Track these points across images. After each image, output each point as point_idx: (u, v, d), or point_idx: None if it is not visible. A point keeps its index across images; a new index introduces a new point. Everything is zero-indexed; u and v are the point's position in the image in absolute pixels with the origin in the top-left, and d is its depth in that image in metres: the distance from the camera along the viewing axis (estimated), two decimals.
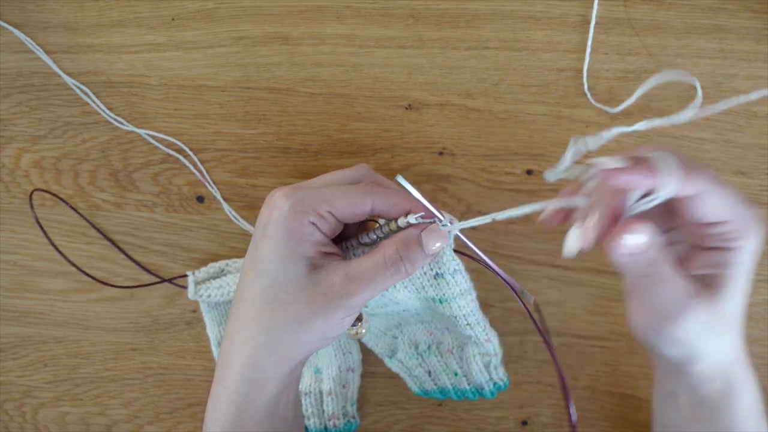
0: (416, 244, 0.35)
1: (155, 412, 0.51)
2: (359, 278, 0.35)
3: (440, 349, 0.46)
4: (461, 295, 0.39)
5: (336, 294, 0.35)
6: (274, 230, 0.35)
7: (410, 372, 0.48)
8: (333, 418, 0.48)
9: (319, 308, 0.35)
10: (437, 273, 0.38)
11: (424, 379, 0.47)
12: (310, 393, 0.48)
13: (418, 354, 0.47)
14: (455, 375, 0.46)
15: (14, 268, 0.51)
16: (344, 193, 0.35)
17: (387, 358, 0.48)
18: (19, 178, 0.52)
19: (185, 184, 0.51)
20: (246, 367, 0.36)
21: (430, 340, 0.47)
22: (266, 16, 0.52)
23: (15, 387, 0.51)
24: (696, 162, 0.32)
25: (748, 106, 0.50)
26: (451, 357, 0.46)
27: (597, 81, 0.50)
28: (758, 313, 0.49)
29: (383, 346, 0.48)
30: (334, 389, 0.48)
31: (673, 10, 0.50)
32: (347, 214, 0.35)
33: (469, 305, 0.40)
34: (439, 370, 0.47)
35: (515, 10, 0.51)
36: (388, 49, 0.51)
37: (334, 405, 0.48)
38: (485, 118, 0.51)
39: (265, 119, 0.51)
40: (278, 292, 0.35)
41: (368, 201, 0.35)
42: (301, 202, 0.34)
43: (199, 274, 0.48)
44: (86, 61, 0.52)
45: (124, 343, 0.51)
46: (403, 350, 0.47)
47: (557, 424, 0.50)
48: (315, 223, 0.35)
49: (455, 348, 0.46)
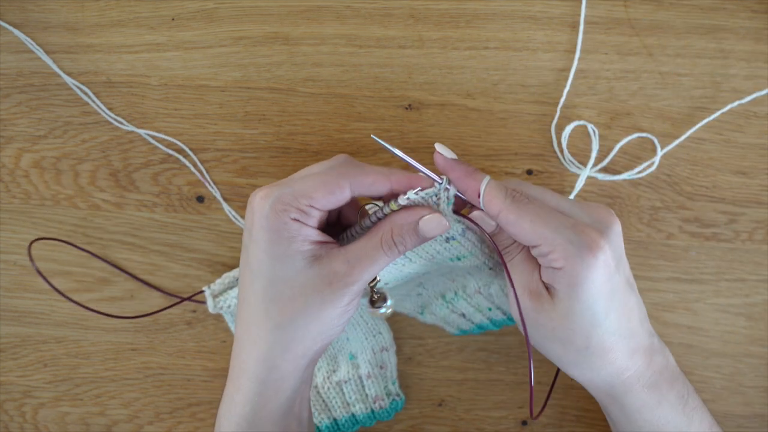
0: (409, 231, 0.36)
1: (155, 412, 0.51)
2: (359, 261, 0.35)
3: (467, 291, 0.46)
4: (476, 247, 0.40)
5: (341, 281, 0.35)
6: (260, 233, 0.35)
7: (445, 320, 0.48)
8: (377, 400, 0.48)
9: (326, 297, 0.35)
10: (447, 237, 0.39)
11: (459, 321, 0.48)
12: (349, 380, 0.48)
13: (447, 302, 0.47)
14: (489, 310, 0.47)
15: (14, 268, 0.51)
16: (320, 183, 0.35)
17: (418, 315, 0.49)
18: (19, 178, 0.52)
19: (185, 184, 0.51)
20: (260, 367, 0.36)
21: (455, 286, 0.46)
22: (266, 16, 0.52)
23: (15, 387, 0.51)
24: (527, 193, 0.37)
25: (748, 106, 0.50)
26: (479, 296, 0.46)
27: (597, 81, 0.50)
28: (758, 313, 0.49)
29: (411, 305, 0.48)
30: (372, 371, 0.48)
31: (673, 10, 0.50)
32: (328, 203, 0.35)
33: (485, 253, 0.41)
34: (471, 311, 0.47)
35: (515, 10, 0.51)
36: (388, 49, 0.51)
37: (376, 387, 0.48)
38: (485, 118, 0.51)
39: (265, 119, 0.51)
40: (281, 289, 0.35)
41: (345, 184, 0.35)
42: (280, 201, 0.34)
43: (215, 286, 0.48)
44: (86, 61, 0.52)
45: (124, 343, 0.51)
46: (432, 303, 0.48)
47: (557, 424, 0.50)
48: (298, 219, 0.35)
49: (482, 287, 0.46)
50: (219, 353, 0.51)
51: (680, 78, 0.50)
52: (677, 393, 0.38)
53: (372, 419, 0.49)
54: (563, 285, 0.35)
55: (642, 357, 0.37)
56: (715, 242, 0.50)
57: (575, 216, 0.36)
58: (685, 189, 0.50)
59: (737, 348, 0.49)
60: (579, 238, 0.34)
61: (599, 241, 0.34)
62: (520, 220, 0.35)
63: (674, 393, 0.38)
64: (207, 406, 0.50)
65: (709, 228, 0.50)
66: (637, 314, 0.37)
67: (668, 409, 0.37)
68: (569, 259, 0.34)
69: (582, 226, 0.35)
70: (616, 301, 0.36)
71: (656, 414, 0.37)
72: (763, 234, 0.49)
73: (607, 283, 0.35)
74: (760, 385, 0.49)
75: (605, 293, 0.35)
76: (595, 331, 0.35)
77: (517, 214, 0.35)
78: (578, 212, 0.36)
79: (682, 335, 0.49)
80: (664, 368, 0.38)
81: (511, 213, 0.35)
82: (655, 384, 0.37)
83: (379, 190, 0.36)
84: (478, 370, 0.50)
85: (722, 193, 0.50)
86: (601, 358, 0.36)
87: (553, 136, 0.50)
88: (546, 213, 0.35)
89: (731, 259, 0.50)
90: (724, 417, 0.49)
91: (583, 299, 0.35)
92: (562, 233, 0.34)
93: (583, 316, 0.35)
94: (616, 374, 0.37)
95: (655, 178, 0.50)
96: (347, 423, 0.49)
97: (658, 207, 0.50)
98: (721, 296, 0.49)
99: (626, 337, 0.36)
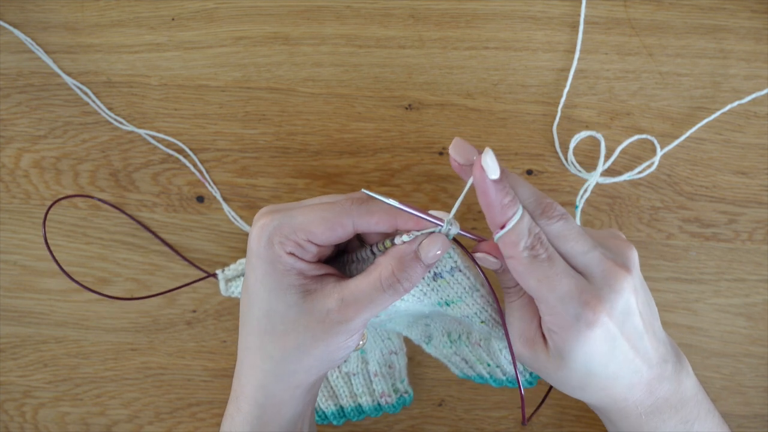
0: (412, 260, 0.34)
1: (155, 412, 0.51)
2: (356, 301, 0.34)
3: (470, 339, 0.45)
4: (466, 293, 0.38)
5: (333, 320, 0.34)
6: (257, 263, 0.34)
7: (448, 359, 0.47)
8: (384, 395, 0.48)
9: (318, 335, 0.34)
10: (435, 273, 0.37)
11: (462, 365, 0.47)
12: (358, 373, 0.48)
13: (451, 342, 0.46)
14: (488, 365, 0.46)
15: (14, 268, 0.51)
16: (321, 218, 0.33)
17: (424, 344, 0.48)
18: (19, 178, 0.52)
19: (185, 184, 0.51)
20: (258, 393, 0.36)
21: (461, 329, 0.45)
22: (266, 16, 0.52)
23: (15, 387, 0.51)
24: (550, 240, 0.34)
25: (748, 106, 0.50)
26: (479, 349, 0.45)
27: (597, 81, 0.50)
28: (758, 313, 0.49)
29: (417, 333, 0.47)
30: (380, 370, 0.48)
31: (673, 10, 0.51)
32: (328, 239, 0.34)
33: (477, 303, 0.38)
34: (473, 360, 0.46)
35: (515, 10, 0.51)
36: (388, 49, 0.51)
37: (384, 384, 0.48)
38: (485, 118, 0.51)
39: (265, 119, 0.51)
40: (274, 322, 0.34)
41: (348, 222, 0.33)
42: (279, 232, 0.33)
43: (228, 271, 0.48)
44: (86, 61, 0.52)
45: (124, 343, 0.51)
46: (437, 338, 0.47)
47: (557, 424, 0.50)
48: (293, 253, 0.34)
49: (482, 341, 0.44)
50: (219, 353, 0.51)
51: (680, 78, 0.50)
52: (681, 419, 0.37)
53: (378, 411, 0.49)
54: (558, 345, 0.34)
55: (644, 388, 0.36)
56: (715, 242, 0.50)
57: (587, 266, 0.34)
58: (685, 189, 0.50)
59: (737, 348, 0.49)
60: (582, 312, 0.33)
61: (600, 316, 0.33)
62: (527, 276, 0.33)
63: (677, 419, 0.37)
64: (207, 406, 0.50)
65: (709, 228, 0.50)
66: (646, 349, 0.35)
67: None
68: (567, 331, 0.33)
69: (587, 298, 0.33)
70: (618, 353, 0.34)
71: None
72: (763, 234, 0.49)
73: (605, 347, 0.34)
74: (760, 385, 0.49)
75: (603, 354, 0.34)
76: (592, 380, 0.35)
77: (527, 268, 0.33)
78: (593, 263, 0.34)
79: (682, 335, 0.49)
80: (672, 395, 0.36)
81: (521, 265, 0.33)
82: (656, 411, 0.36)
83: (384, 230, 0.35)
84: None
85: (722, 193, 0.50)
86: (597, 393, 0.36)
87: (555, 137, 0.50)
88: (555, 277, 0.33)
89: (731, 259, 0.50)
90: (724, 417, 0.49)
91: (579, 361, 0.34)
92: (566, 304, 0.33)
93: (577, 371, 0.34)
94: (612, 402, 0.36)
95: (655, 178, 0.50)
96: (353, 412, 0.49)
97: (658, 207, 0.50)
98: (721, 296, 0.49)
99: (627, 377, 0.35)
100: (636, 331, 0.35)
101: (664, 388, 0.36)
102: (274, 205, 0.36)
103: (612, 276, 0.34)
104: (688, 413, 0.37)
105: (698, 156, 0.50)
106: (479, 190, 0.32)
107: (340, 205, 0.34)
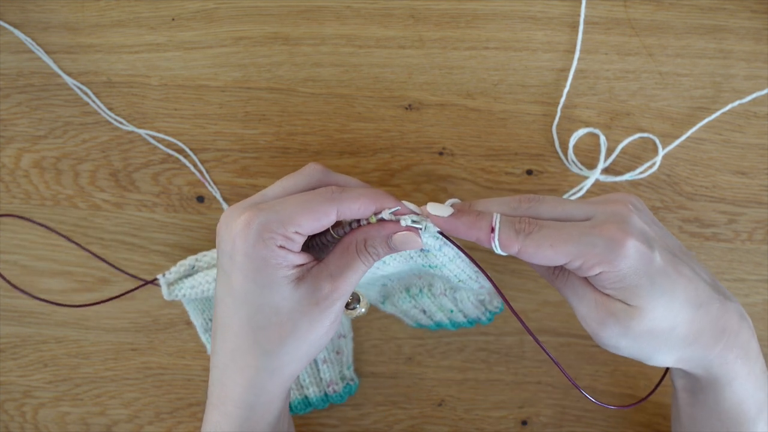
0: (382, 242, 0.36)
1: (155, 412, 0.51)
2: (341, 273, 0.35)
3: (432, 291, 0.47)
4: (450, 261, 0.40)
5: (327, 299, 0.35)
6: (245, 262, 0.34)
7: (405, 313, 0.49)
8: (331, 384, 0.49)
9: (314, 317, 0.35)
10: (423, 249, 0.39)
11: (420, 316, 0.48)
12: None
13: (411, 297, 0.47)
14: (451, 312, 0.47)
15: (14, 268, 0.51)
16: (308, 209, 0.34)
17: (379, 304, 0.49)
18: (19, 178, 0.52)
19: (185, 184, 0.51)
20: (249, 392, 0.36)
21: (421, 283, 0.47)
22: (266, 16, 0.52)
23: (15, 387, 0.51)
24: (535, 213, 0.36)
25: (748, 106, 0.50)
26: (444, 298, 0.47)
27: (597, 81, 0.50)
28: (758, 313, 0.49)
29: (373, 294, 0.48)
30: (329, 356, 0.49)
31: (673, 10, 0.51)
32: (313, 228, 0.35)
33: (459, 267, 0.41)
34: (433, 309, 0.48)
35: (515, 10, 0.51)
36: (388, 49, 0.51)
37: (331, 371, 0.49)
38: (485, 118, 0.51)
39: (265, 119, 0.51)
40: (268, 316, 0.35)
41: (333, 211, 0.35)
42: (267, 228, 0.33)
43: (169, 275, 0.47)
44: (86, 61, 0.52)
45: (124, 343, 0.51)
46: (395, 295, 0.48)
47: (557, 424, 0.50)
48: (284, 246, 0.34)
49: (447, 290, 0.46)
50: None
51: (680, 78, 0.50)
52: (762, 367, 0.38)
53: (325, 402, 0.49)
54: (613, 284, 0.34)
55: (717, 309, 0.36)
56: (715, 242, 0.50)
57: (589, 216, 0.35)
58: (684, 189, 0.50)
59: None
60: (600, 240, 0.33)
61: (617, 233, 0.33)
62: (540, 250, 0.34)
63: (759, 365, 0.37)
64: None
65: (709, 228, 0.50)
66: (697, 281, 0.36)
67: (753, 381, 0.37)
68: (603, 262, 0.33)
69: (599, 226, 0.34)
70: (672, 272, 0.34)
71: (744, 386, 0.37)
72: (762, 234, 0.49)
73: (650, 265, 0.34)
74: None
75: (656, 271, 0.34)
76: (674, 306, 0.34)
77: (535, 245, 0.34)
78: (591, 212, 0.36)
79: None
80: (749, 340, 0.37)
81: (529, 247, 0.34)
82: (746, 355, 0.37)
83: (365, 214, 0.36)
84: (478, 370, 0.50)
85: (722, 193, 0.50)
86: (686, 326, 0.35)
87: (555, 137, 0.50)
88: (560, 230, 0.34)
89: (731, 259, 0.50)
90: None
91: (635, 284, 0.34)
92: (584, 242, 0.33)
93: (656, 300, 0.34)
94: (707, 330, 0.36)
95: (655, 178, 0.50)
96: (299, 405, 0.49)
97: (657, 207, 0.50)
98: None
99: (698, 306, 0.35)
100: (676, 251, 0.36)
101: (744, 329, 0.37)
102: (246, 200, 0.36)
103: (611, 208, 0.35)
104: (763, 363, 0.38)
105: (698, 156, 0.50)
106: (451, 232, 0.36)
107: (322, 195, 0.35)
